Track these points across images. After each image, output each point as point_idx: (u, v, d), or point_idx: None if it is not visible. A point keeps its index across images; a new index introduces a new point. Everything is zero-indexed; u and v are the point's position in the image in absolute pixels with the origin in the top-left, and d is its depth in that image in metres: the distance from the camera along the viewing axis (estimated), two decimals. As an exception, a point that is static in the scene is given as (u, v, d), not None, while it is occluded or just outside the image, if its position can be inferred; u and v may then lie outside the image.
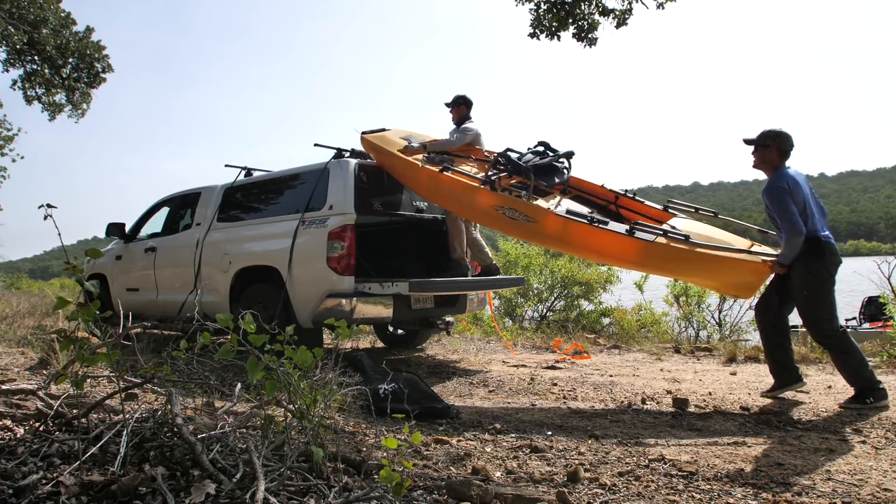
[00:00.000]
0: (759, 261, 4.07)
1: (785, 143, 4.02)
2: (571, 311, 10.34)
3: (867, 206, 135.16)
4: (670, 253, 4.11)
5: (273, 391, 2.18)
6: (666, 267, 4.45)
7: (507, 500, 2.20)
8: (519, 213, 4.58)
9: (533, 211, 4.57)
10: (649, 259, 4.29)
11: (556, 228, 4.52)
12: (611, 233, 4.27)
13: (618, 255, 4.51)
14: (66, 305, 2.05)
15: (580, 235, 4.45)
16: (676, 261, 4.19)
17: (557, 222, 4.49)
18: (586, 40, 7.38)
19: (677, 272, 4.62)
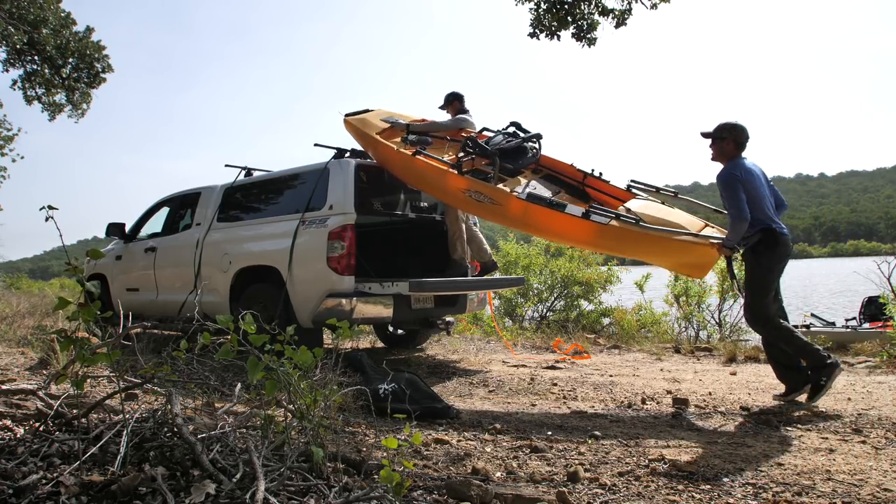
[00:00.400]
0: (708, 243, 4.16)
1: (741, 136, 4.08)
2: (571, 311, 10.33)
3: (867, 206, 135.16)
4: (622, 235, 4.32)
5: (273, 391, 2.18)
6: (618, 248, 4.67)
7: (507, 500, 2.20)
8: (485, 196, 4.77)
9: (497, 194, 4.76)
10: (603, 240, 4.51)
11: (518, 211, 4.70)
12: (567, 216, 4.46)
13: (575, 236, 4.75)
14: (66, 305, 2.05)
15: (540, 218, 4.63)
16: (628, 242, 4.40)
17: (519, 205, 4.67)
18: (585, 40, 7.38)
19: (630, 252, 4.77)
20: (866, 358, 6.00)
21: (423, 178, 5.30)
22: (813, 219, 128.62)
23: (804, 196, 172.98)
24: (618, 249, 4.78)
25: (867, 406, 3.94)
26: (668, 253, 4.42)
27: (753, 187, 3.97)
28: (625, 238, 4.34)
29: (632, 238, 4.31)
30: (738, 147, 4.09)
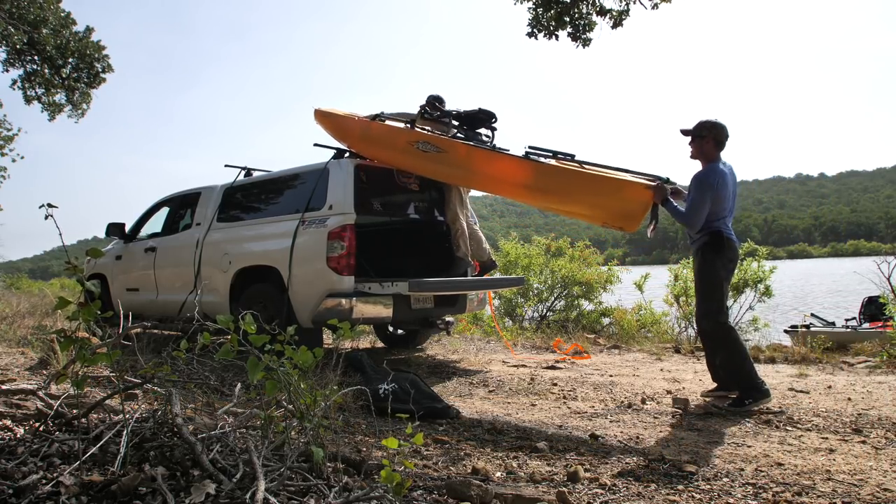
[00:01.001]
0: (642, 184, 4.21)
1: (720, 134, 4.07)
2: (571, 311, 10.34)
3: (867, 206, 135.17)
4: (560, 173, 4.46)
5: (273, 391, 2.18)
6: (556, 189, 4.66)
7: (507, 500, 2.20)
8: (431, 145, 4.95)
9: (442, 142, 4.96)
10: (542, 180, 4.61)
11: (461, 155, 4.89)
12: (508, 157, 4.67)
13: (515, 178, 4.81)
14: (67, 305, 2.05)
15: (482, 162, 4.84)
16: (565, 181, 4.49)
17: (462, 149, 4.87)
18: (580, 40, 7.39)
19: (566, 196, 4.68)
20: (866, 358, 6.00)
21: (378, 141, 5.41)
22: (813, 219, 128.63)
23: (804, 196, 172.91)
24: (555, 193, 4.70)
25: (867, 406, 3.94)
26: (603, 193, 4.41)
27: (722, 197, 3.98)
28: (562, 177, 4.44)
29: (569, 177, 4.41)
30: (718, 146, 4.07)
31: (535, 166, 4.54)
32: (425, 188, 5.90)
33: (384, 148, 5.41)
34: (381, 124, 5.33)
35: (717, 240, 3.99)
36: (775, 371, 5.44)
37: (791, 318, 11.62)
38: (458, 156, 4.91)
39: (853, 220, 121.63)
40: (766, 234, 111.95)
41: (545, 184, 4.69)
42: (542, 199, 4.96)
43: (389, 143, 5.33)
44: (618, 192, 4.35)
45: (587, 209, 4.73)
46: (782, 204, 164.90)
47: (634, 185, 4.26)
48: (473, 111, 5.24)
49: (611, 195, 4.42)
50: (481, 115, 5.23)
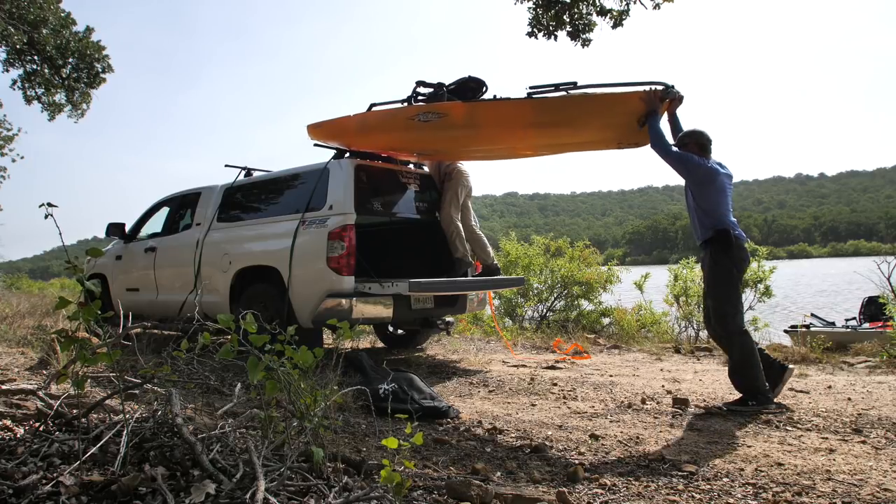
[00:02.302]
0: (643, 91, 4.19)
1: (701, 138, 4.16)
2: (571, 311, 10.34)
3: (867, 206, 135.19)
4: (566, 102, 4.42)
5: (273, 391, 2.18)
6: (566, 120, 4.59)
7: (507, 500, 2.20)
8: (431, 113, 4.84)
9: (442, 107, 4.86)
10: (549, 115, 4.52)
11: (465, 114, 4.78)
12: (512, 101, 4.61)
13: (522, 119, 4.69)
14: (67, 305, 2.05)
15: (487, 113, 4.76)
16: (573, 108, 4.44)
17: (464, 107, 4.78)
18: (580, 40, 7.38)
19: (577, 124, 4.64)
20: (866, 358, 6.00)
21: (379, 127, 5.29)
22: (813, 219, 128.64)
23: (804, 196, 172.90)
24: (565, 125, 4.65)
25: (867, 406, 3.94)
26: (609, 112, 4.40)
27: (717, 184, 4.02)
28: (568, 106, 4.42)
29: (575, 104, 4.40)
30: (702, 149, 4.15)
31: (539, 102, 4.48)
32: (425, 188, 5.90)
33: (386, 132, 5.27)
34: (377, 111, 5.23)
35: (726, 238, 3.96)
36: (775, 371, 5.44)
37: (791, 319, 11.63)
38: (461, 114, 4.79)
39: (853, 220, 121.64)
40: (766, 234, 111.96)
41: (553, 118, 4.57)
42: (553, 136, 4.88)
43: (390, 125, 5.20)
44: (622, 105, 4.29)
45: (599, 132, 4.68)
46: (782, 204, 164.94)
47: (635, 95, 4.22)
48: (463, 79, 5.10)
49: (617, 111, 4.35)
50: (472, 83, 5.09)
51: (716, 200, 4.01)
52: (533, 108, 4.54)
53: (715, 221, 4.00)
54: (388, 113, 5.16)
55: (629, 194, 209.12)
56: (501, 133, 4.95)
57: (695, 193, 4.10)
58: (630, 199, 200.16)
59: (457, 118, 4.79)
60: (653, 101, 4.16)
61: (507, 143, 5.12)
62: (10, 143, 14.29)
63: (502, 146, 5.26)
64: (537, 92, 4.46)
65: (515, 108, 4.59)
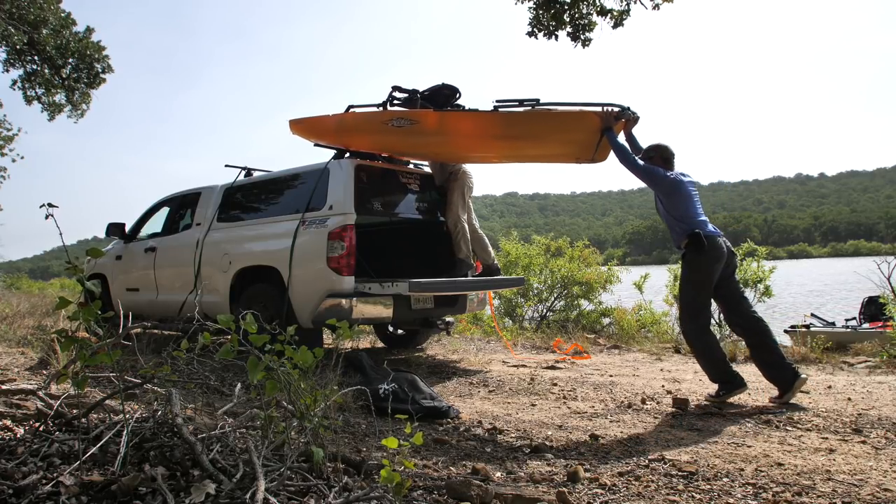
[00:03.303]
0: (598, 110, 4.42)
1: (665, 151, 4.42)
2: (571, 311, 10.34)
3: (867, 206, 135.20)
4: (529, 117, 4.64)
5: (273, 391, 2.18)
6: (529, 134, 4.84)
7: (507, 500, 2.20)
8: (404, 119, 5.04)
9: (413, 114, 5.05)
10: (514, 128, 4.78)
11: (435, 121, 4.96)
12: (479, 112, 4.83)
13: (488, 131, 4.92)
14: (67, 305, 2.05)
15: (456, 122, 4.97)
16: (535, 123, 4.68)
17: (435, 115, 4.96)
18: (580, 41, 7.38)
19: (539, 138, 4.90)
20: (866, 358, 6.00)
21: (355, 128, 5.42)
22: (813, 219, 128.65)
23: (804, 196, 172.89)
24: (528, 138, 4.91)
25: (867, 406, 3.94)
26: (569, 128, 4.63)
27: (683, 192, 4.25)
28: (531, 120, 4.65)
29: (537, 119, 4.62)
30: (666, 161, 4.39)
31: (505, 116, 4.70)
32: (426, 188, 5.90)
33: (361, 134, 5.45)
34: (354, 113, 5.36)
35: (697, 240, 4.10)
36: (775, 371, 5.44)
37: (791, 318, 11.63)
38: (432, 122, 4.98)
39: (853, 220, 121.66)
40: (766, 234, 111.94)
41: (517, 131, 4.84)
42: (517, 148, 5.11)
43: (365, 127, 5.37)
44: (580, 122, 4.53)
45: (560, 147, 4.94)
46: (782, 204, 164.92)
47: (592, 113, 4.46)
48: (437, 86, 5.26)
49: (576, 128, 4.61)
50: (445, 90, 5.26)
51: (685, 207, 4.23)
52: (498, 121, 4.75)
53: (687, 227, 4.18)
54: (364, 116, 5.31)
55: (629, 194, 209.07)
56: (469, 142, 5.16)
57: (665, 203, 4.32)
58: (630, 199, 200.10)
59: (428, 125, 4.98)
60: (608, 119, 4.41)
61: (475, 151, 5.32)
62: (10, 143, 14.29)
63: (470, 154, 5.45)
64: (503, 106, 4.67)
65: (483, 119, 4.81)
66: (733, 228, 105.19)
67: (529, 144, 5.00)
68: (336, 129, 5.51)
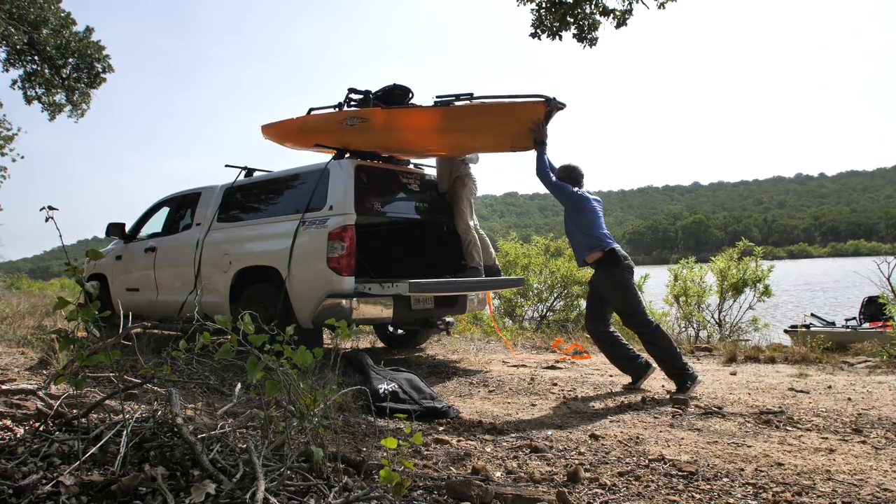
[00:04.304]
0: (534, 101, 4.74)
1: (574, 172, 4.88)
2: (571, 311, 10.34)
3: (867, 206, 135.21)
4: (465, 111, 5.01)
5: (273, 391, 2.18)
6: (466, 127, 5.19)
7: (507, 500, 2.20)
8: (356, 118, 5.41)
9: (364, 112, 5.40)
10: (452, 122, 5.15)
11: (383, 118, 5.31)
12: (422, 108, 5.23)
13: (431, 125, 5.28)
14: (66, 305, 2.05)
15: (402, 118, 5.31)
16: (471, 116, 5.04)
17: (383, 113, 5.30)
18: (586, 41, 7.37)
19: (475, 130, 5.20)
20: (866, 358, 6.00)
21: (316, 129, 5.77)
22: (813, 219, 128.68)
23: (804, 196, 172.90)
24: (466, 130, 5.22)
25: (867, 406, 3.94)
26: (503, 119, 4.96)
27: (589, 209, 4.69)
28: (467, 114, 5.03)
29: (472, 113, 5.01)
30: (574, 181, 4.84)
31: (444, 111, 5.04)
32: (425, 188, 5.90)
33: (322, 133, 5.75)
34: (314, 115, 5.74)
35: (612, 255, 4.58)
36: (775, 371, 5.44)
37: (791, 318, 11.63)
38: (381, 119, 5.30)
39: (853, 220, 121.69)
40: (766, 234, 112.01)
41: (456, 124, 5.19)
42: (458, 140, 5.38)
43: (324, 127, 5.71)
44: (513, 113, 4.88)
45: (495, 137, 5.21)
46: (782, 204, 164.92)
47: (526, 104, 4.80)
48: (389, 87, 5.54)
49: (509, 119, 4.93)
50: (397, 90, 5.53)
51: (591, 222, 4.66)
52: (440, 116, 5.11)
53: (597, 242, 4.62)
54: (323, 117, 5.71)
55: (629, 194, 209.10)
56: (416, 136, 5.45)
57: (573, 218, 4.73)
58: (630, 199, 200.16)
59: (377, 122, 5.32)
60: (541, 132, 4.80)
61: (423, 145, 5.59)
62: (10, 143, 14.29)
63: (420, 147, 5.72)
64: (442, 101, 5.02)
65: (425, 114, 5.18)
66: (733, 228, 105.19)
67: (469, 137, 5.31)
68: (299, 130, 5.92)
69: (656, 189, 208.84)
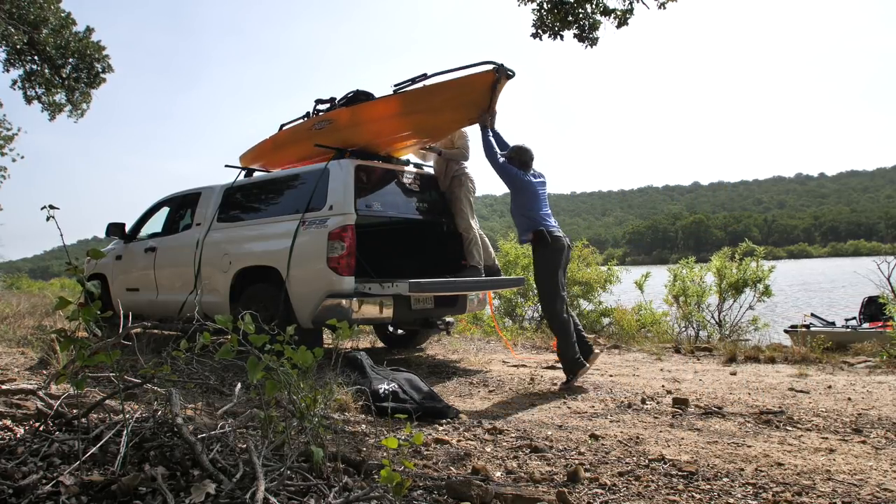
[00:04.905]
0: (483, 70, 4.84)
1: (524, 156, 4.97)
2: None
3: (867, 206, 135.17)
4: (422, 92, 5.15)
5: (273, 391, 2.18)
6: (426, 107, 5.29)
7: (507, 500, 2.20)
8: (323, 121, 5.69)
9: (329, 115, 5.68)
10: (412, 104, 5.29)
11: (348, 116, 5.54)
12: (381, 98, 5.43)
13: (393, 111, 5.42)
14: (67, 305, 2.05)
15: (365, 111, 5.49)
16: (428, 96, 5.15)
17: (346, 111, 5.55)
18: (587, 40, 7.36)
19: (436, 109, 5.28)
20: (866, 358, 6.00)
21: (289, 141, 6.06)
22: (813, 219, 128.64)
23: (804, 196, 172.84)
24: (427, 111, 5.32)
25: (867, 406, 3.95)
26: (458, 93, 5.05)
27: (531, 191, 4.83)
28: (424, 95, 5.14)
29: (428, 92, 5.12)
30: (522, 165, 4.94)
31: (403, 96, 5.20)
32: (426, 188, 5.90)
33: (295, 144, 6.02)
34: (286, 130, 6.07)
35: (542, 235, 4.72)
36: (775, 371, 5.44)
37: (791, 318, 11.63)
38: (346, 118, 5.53)
39: (853, 220, 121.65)
40: (766, 234, 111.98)
41: (416, 106, 5.31)
42: (421, 121, 5.48)
43: (296, 138, 5.97)
44: (465, 86, 4.98)
45: (456, 112, 5.26)
46: (782, 204, 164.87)
47: (476, 74, 4.90)
48: (352, 93, 5.75)
49: (463, 91, 5.02)
50: (361, 95, 5.72)
51: (530, 204, 4.81)
52: (399, 101, 5.26)
53: (532, 223, 4.76)
54: (294, 129, 6.02)
55: (629, 194, 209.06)
56: (381, 125, 5.57)
57: (515, 199, 4.89)
58: (630, 199, 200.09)
59: (343, 121, 5.55)
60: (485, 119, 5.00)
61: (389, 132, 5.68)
62: (10, 143, 14.29)
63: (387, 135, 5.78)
64: (400, 88, 5.18)
65: (385, 103, 5.35)
66: (733, 228, 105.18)
67: (431, 116, 5.38)
68: (273, 147, 6.23)
69: (656, 189, 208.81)
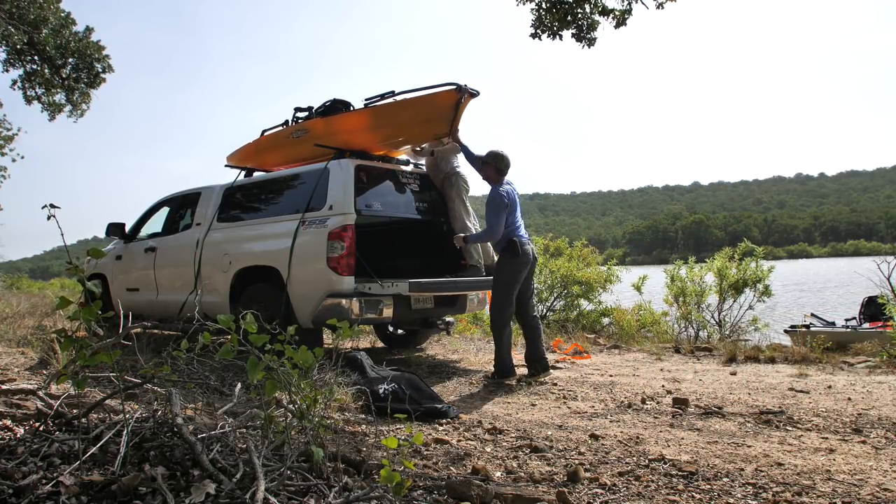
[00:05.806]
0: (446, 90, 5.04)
1: (500, 163, 5.03)
2: (571, 311, 10.33)
3: (867, 206, 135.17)
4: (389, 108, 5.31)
5: (273, 391, 2.18)
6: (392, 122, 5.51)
7: (507, 500, 2.20)
8: (300, 130, 5.83)
9: (306, 125, 5.83)
10: (379, 119, 5.45)
11: (322, 126, 5.66)
12: (353, 111, 5.62)
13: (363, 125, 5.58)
14: (67, 305, 2.05)
15: (339, 122, 5.62)
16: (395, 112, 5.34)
17: (321, 122, 5.68)
18: (585, 40, 7.36)
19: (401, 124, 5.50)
20: (866, 358, 6.00)
21: (269, 147, 6.23)
22: (813, 219, 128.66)
23: (804, 196, 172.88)
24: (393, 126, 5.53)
25: (867, 406, 3.95)
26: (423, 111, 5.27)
27: (512, 212, 4.90)
28: (391, 111, 5.32)
29: (395, 109, 5.29)
30: (499, 173, 5.01)
31: (372, 111, 5.36)
32: (425, 188, 5.90)
33: (275, 150, 6.23)
34: (266, 136, 6.19)
35: (513, 245, 4.83)
36: (775, 371, 5.44)
37: (791, 318, 11.63)
38: (320, 128, 5.65)
39: (853, 220, 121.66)
40: (766, 234, 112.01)
41: (383, 121, 5.48)
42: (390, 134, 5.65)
43: (276, 144, 6.14)
44: (430, 104, 5.18)
45: (421, 128, 5.48)
46: (782, 204, 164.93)
47: (439, 93, 5.09)
48: (329, 102, 5.85)
49: (429, 109, 5.23)
50: (338, 104, 5.83)
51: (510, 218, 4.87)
52: (369, 115, 5.42)
53: (507, 233, 4.86)
54: (274, 135, 6.16)
55: (629, 194, 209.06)
56: (352, 136, 5.70)
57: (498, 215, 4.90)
58: (630, 199, 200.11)
59: (318, 131, 5.66)
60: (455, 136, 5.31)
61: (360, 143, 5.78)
62: (10, 143, 14.28)
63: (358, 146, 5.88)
64: (370, 102, 5.35)
65: (357, 116, 5.52)
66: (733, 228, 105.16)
67: (399, 130, 5.58)
68: (255, 151, 6.35)
69: (656, 189, 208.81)
